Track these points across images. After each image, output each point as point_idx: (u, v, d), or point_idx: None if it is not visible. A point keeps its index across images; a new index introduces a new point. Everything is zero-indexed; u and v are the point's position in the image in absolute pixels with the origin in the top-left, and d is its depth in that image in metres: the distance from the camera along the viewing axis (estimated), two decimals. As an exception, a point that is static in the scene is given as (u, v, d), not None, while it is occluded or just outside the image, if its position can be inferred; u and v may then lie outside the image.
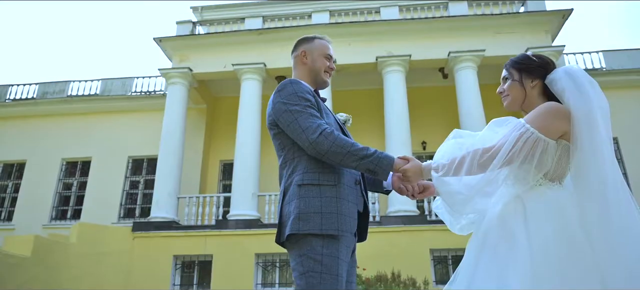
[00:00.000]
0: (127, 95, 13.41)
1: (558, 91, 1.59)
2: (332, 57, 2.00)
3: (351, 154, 1.66)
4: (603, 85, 9.10)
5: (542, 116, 1.53)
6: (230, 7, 13.79)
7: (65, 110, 13.43)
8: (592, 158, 1.44)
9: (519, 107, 1.74)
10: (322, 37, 2.01)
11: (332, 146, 1.65)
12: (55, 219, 12.57)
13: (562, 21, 10.98)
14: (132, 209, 12.50)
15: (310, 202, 1.67)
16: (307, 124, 1.69)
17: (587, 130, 1.46)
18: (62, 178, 13.04)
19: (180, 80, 11.40)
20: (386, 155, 1.68)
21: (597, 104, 1.51)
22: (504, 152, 1.49)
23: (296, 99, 1.74)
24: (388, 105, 10.61)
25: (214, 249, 9.66)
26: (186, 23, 12.05)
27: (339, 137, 1.66)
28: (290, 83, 1.79)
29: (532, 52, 1.76)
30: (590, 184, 1.44)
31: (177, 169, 10.68)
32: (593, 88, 1.55)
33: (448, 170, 1.59)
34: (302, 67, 1.97)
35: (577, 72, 1.59)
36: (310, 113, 1.72)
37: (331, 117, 1.85)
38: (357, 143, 1.69)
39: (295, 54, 2.01)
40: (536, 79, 1.68)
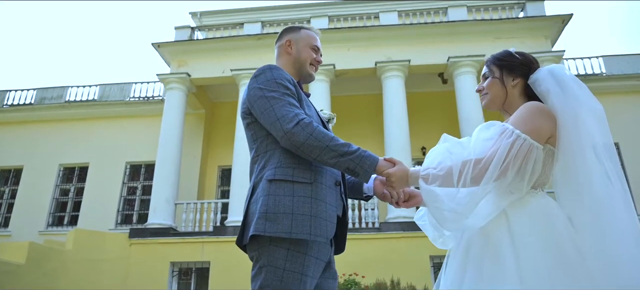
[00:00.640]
0: (125, 100, 13.36)
1: (542, 92, 1.49)
2: (319, 49, 1.84)
3: (330, 148, 1.47)
4: (603, 90, 9.05)
5: (531, 118, 1.41)
6: (229, 12, 13.77)
7: (62, 115, 13.37)
8: (581, 164, 1.34)
9: (498, 106, 1.63)
10: (309, 28, 1.85)
11: (309, 138, 1.47)
12: (52, 225, 12.46)
13: (561, 26, 10.96)
14: (130, 215, 12.40)
15: (280, 200, 1.46)
16: (283, 112, 1.51)
17: (575, 135, 1.36)
18: (60, 184, 12.94)
19: (179, 86, 11.35)
20: (370, 155, 1.51)
21: (588, 107, 1.40)
22: (497, 163, 1.35)
23: (274, 85, 1.56)
24: (387, 110, 10.56)
25: (211, 256, 9.55)
26: (185, 28, 12.02)
27: (318, 129, 1.48)
28: (270, 68, 1.61)
29: (515, 50, 1.64)
30: (578, 191, 1.34)
31: (174, 175, 10.60)
32: (581, 90, 1.43)
33: (437, 181, 1.42)
34: (286, 58, 1.81)
35: (561, 72, 1.48)
36: (289, 101, 1.54)
37: (313, 111, 1.68)
38: (339, 138, 1.51)
39: (279, 43, 1.85)
40: (518, 77, 1.58)
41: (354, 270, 8.16)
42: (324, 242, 1.50)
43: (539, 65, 1.59)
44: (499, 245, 1.34)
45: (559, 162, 1.40)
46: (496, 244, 1.34)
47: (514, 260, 1.28)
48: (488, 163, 1.35)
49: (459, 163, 1.39)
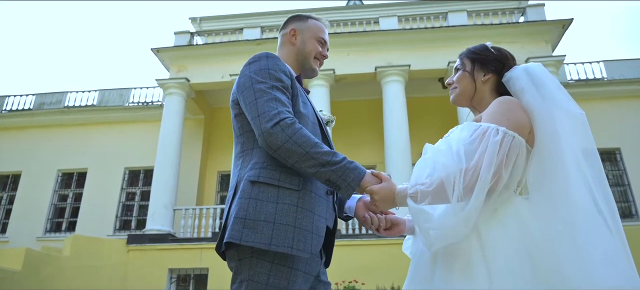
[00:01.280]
0: (125, 106, 13.31)
1: (516, 91, 1.37)
2: (326, 42, 1.67)
3: (310, 156, 1.28)
4: (604, 95, 8.96)
5: (510, 112, 1.28)
6: (229, 17, 13.76)
7: (61, 121, 13.32)
8: (558, 170, 1.23)
9: (467, 102, 1.51)
10: (317, 18, 1.68)
11: (288, 141, 1.28)
12: (50, 231, 12.38)
13: (562, 31, 10.92)
14: (128, 221, 12.31)
15: (261, 206, 1.29)
16: (265, 108, 1.32)
17: (550, 138, 1.25)
18: (58, 189, 12.87)
19: (178, 91, 11.31)
20: (356, 167, 1.31)
21: (566, 110, 1.28)
22: (488, 166, 1.19)
23: (266, 75, 1.39)
24: (387, 115, 10.50)
25: (210, 262, 9.46)
26: (184, 33, 12.00)
27: (300, 132, 1.29)
28: (266, 56, 1.45)
29: (492, 44, 1.53)
30: (552, 198, 1.23)
31: (173, 181, 10.52)
32: (559, 91, 1.32)
33: (427, 198, 1.23)
34: (288, 48, 1.63)
35: (538, 71, 1.37)
36: (275, 96, 1.35)
37: (309, 110, 1.49)
38: (323, 145, 1.32)
39: (283, 31, 1.67)
40: (490, 73, 1.46)
41: (354, 277, 8.07)
42: (306, 256, 1.31)
43: (516, 63, 1.48)
44: (468, 255, 1.22)
45: (532, 164, 1.30)
46: (466, 254, 1.22)
47: (486, 273, 1.17)
48: (478, 168, 1.20)
49: (449, 175, 1.22)
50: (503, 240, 1.21)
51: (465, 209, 1.19)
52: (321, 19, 1.69)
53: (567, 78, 12.22)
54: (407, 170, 9.63)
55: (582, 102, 11.49)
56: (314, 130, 1.46)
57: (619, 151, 11.59)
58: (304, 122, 1.41)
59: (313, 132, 1.44)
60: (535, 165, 1.29)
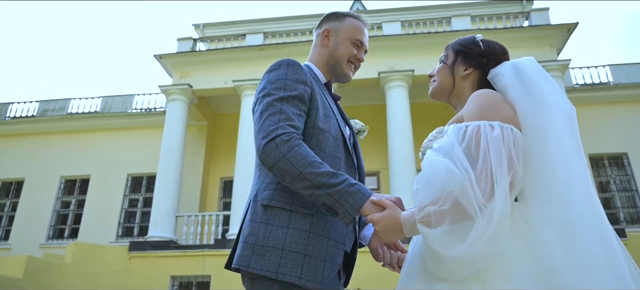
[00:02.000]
0: (127, 112, 13.32)
1: (500, 89, 1.25)
2: (363, 44, 1.52)
3: (303, 176, 1.17)
4: (610, 100, 8.80)
5: (497, 105, 1.15)
6: (231, 24, 13.78)
7: (64, 127, 13.34)
8: (548, 168, 1.08)
9: (445, 97, 1.39)
10: (356, 16, 1.53)
11: (280, 160, 1.18)
12: (53, 238, 12.35)
13: (567, 35, 10.83)
14: (131, 228, 12.27)
15: (272, 231, 1.22)
16: (265, 123, 1.24)
17: (536, 136, 1.11)
18: (61, 196, 12.86)
19: (180, 97, 11.30)
20: (357, 191, 1.17)
21: (555, 106, 1.14)
22: (499, 166, 1.03)
23: (280, 86, 1.30)
24: (391, 120, 10.43)
25: (212, 270, 9.38)
26: (187, 40, 12.01)
27: (295, 150, 1.18)
28: (287, 64, 1.36)
29: (481, 38, 1.38)
30: (543, 198, 1.09)
31: (175, 187, 10.48)
32: (548, 86, 1.18)
33: (445, 219, 1.03)
34: (320, 50, 1.52)
35: (526, 65, 1.23)
36: (280, 110, 1.25)
37: (332, 123, 1.37)
38: (324, 164, 1.19)
39: (317, 31, 1.56)
40: (470, 67, 1.33)
41: (358, 285, 7.96)
42: (316, 287, 1.22)
43: (508, 58, 1.34)
44: None
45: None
46: None
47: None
48: (490, 169, 1.03)
49: (461, 184, 1.02)
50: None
51: (493, 219, 1.00)
52: (360, 17, 1.54)
53: (573, 82, 12.10)
54: (411, 177, 9.54)
55: (588, 107, 11.49)
56: (335, 146, 1.34)
57: (626, 156, 11.44)
58: (322, 138, 1.31)
59: (334, 148, 1.33)
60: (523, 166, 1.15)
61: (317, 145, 1.30)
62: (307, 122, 1.32)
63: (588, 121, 11.23)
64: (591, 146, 11.10)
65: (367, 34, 1.54)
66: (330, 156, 1.31)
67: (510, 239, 1.04)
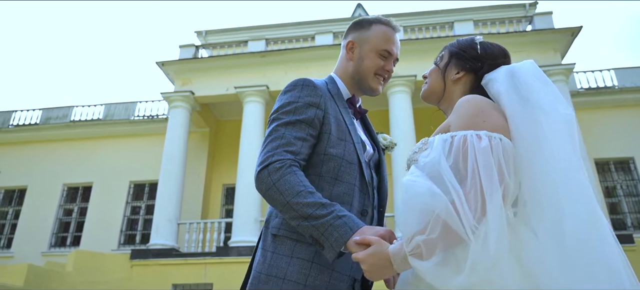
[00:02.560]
0: (130, 119, 13.31)
1: (493, 95, 1.16)
2: (391, 54, 1.40)
3: (290, 206, 1.12)
4: (616, 104, 8.62)
5: (484, 113, 1.07)
6: (234, 30, 13.79)
7: (67, 135, 13.35)
8: (546, 180, 1.00)
9: (435, 100, 1.31)
10: (385, 22, 1.41)
11: (271, 188, 1.15)
12: (55, 246, 12.32)
13: (571, 39, 10.75)
14: (133, 235, 12.22)
15: (276, 260, 1.19)
16: (265, 149, 1.21)
17: (529, 148, 1.02)
18: (63, 204, 12.84)
19: (182, 104, 11.28)
20: (343, 224, 1.09)
21: (552, 111, 1.05)
22: (489, 180, 0.95)
23: (289, 110, 1.25)
24: (394, 126, 10.36)
25: (214, 278, 9.30)
26: (189, 47, 12.02)
27: (286, 178, 1.14)
28: (302, 85, 1.30)
29: (481, 39, 1.29)
30: (537, 211, 1.01)
31: (177, 194, 10.43)
32: (545, 91, 1.09)
33: (436, 248, 0.94)
34: (345, 64, 1.43)
35: (523, 69, 1.14)
36: (282, 134, 1.22)
37: (348, 147, 1.28)
38: (314, 194, 1.13)
39: (343, 42, 1.46)
40: (463, 71, 1.25)
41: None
42: None
43: (508, 62, 1.25)
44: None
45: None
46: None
47: None
48: (479, 185, 0.95)
49: (448, 207, 0.94)
50: None
51: (489, 239, 0.92)
52: (389, 23, 1.42)
53: (578, 87, 12.00)
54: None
55: (593, 111, 11.37)
56: (349, 171, 1.26)
57: (632, 161, 11.30)
58: (333, 165, 1.25)
59: (347, 174, 1.26)
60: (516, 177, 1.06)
61: (328, 172, 1.25)
62: (318, 147, 1.26)
63: (593, 126, 11.11)
64: (597, 151, 10.97)
65: (397, 41, 1.42)
66: (343, 183, 1.25)
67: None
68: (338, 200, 1.22)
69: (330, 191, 1.23)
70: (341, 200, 1.22)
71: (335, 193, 1.23)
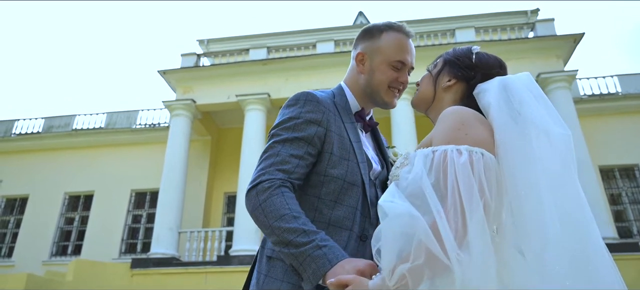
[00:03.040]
0: (132, 128, 13.32)
1: (483, 107, 1.11)
2: (404, 64, 1.28)
3: (272, 231, 1.05)
4: (619, 110, 8.49)
5: (466, 126, 1.01)
6: (235, 39, 13.83)
7: (69, 144, 13.37)
8: (532, 200, 0.95)
9: (425, 107, 1.26)
10: (398, 28, 1.31)
11: (256, 209, 1.09)
12: (56, 255, 12.28)
13: (573, 45, 10.69)
14: (134, 244, 12.17)
15: (269, 283, 1.14)
16: (259, 167, 1.15)
17: (518, 165, 0.97)
18: (64, 212, 12.82)
19: (184, 112, 11.28)
20: (323, 255, 0.99)
21: (544, 130, 0.99)
22: (469, 197, 0.90)
23: (289, 126, 1.18)
24: (395, 133, 10.31)
25: (214, 287, 9.21)
26: (191, 55, 12.04)
27: (272, 199, 1.07)
28: (304, 100, 1.21)
29: (477, 49, 1.24)
30: (521, 231, 0.97)
31: (178, 203, 10.38)
32: (539, 106, 1.03)
33: (423, 276, 0.87)
34: (356, 76, 1.33)
35: (516, 82, 1.08)
36: (277, 152, 1.15)
37: (351, 166, 1.19)
38: (299, 218, 1.05)
39: (353, 52, 1.36)
40: (454, 79, 1.20)
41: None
42: None
43: (505, 73, 1.19)
44: None
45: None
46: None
47: None
48: (459, 202, 0.90)
49: (426, 230, 0.87)
50: None
51: (473, 261, 0.86)
52: (402, 29, 1.31)
53: (581, 93, 11.92)
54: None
55: (597, 118, 11.28)
56: (351, 193, 1.18)
57: (637, 167, 11.19)
58: (334, 187, 1.17)
59: (348, 197, 1.17)
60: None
61: (327, 194, 1.17)
62: (318, 167, 1.19)
63: (597, 133, 11.02)
64: (601, 158, 10.86)
65: (411, 48, 1.31)
66: (343, 206, 1.17)
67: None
68: (337, 224, 1.14)
69: (329, 215, 1.15)
70: (340, 225, 1.15)
71: (334, 217, 1.15)
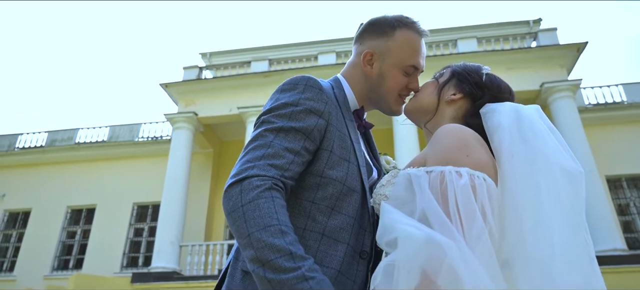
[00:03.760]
0: (134, 141, 13.32)
1: (490, 127, 1.01)
2: (417, 68, 1.14)
3: (250, 242, 0.83)
4: (625, 120, 8.33)
5: (467, 147, 0.92)
6: (237, 52, 13.88)
7: (71, 157, 13.38)
8: (534, 240, 0.87)
9: (422, 117, 1.14)
10: (412, 24, 1.14)
11: (237, 210, 0.87)
12: (57, 269, 12.20)
13: (576, 55, 10.61)
14: (136, 258, 12.08)
15: None
16: (245, 158, 0.95)
17: (524, 197, 0.89)
18: (66, 226, 12.78)
19: (186, 125, 11.27)
20: (307, 288, 0.80)
21: (560, 167, 0.91)
22: (470, 221, 0.82)
23: (285, 113, 0.99)
24: (398, 145, 10.22)
25: (216, 302, 9.09)
26: (193, 68, 12.08)
27: (258, 202, 0.87)
28: (305, 85, 1.03)
29: (488, 70, 1.15)
30: (529, 267, 0.87)
31: (179, 216, 10.31)
32: (554, 139, 0.95)
33: None
34: (360, 76, 1.16)
35: (529, 112, 0.99)
36: (270, 142, 0.95)
37: (352, 168, 1.03)
38: (287, 235, 0.84)
39: (357, 47, 1.18)
40: (460, 93, 1.10)
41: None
42: None
43: (511, 99, 1.10)
44: None
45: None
46: None
47: None
48: (460, 228, 0.82)
49: (424, 258, 0.76)
50: None
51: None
52: (416, 26, 1.14)
53: (586, 103, 11.80)
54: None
55: (603, 127, 11.13)
56: (350, 200, 1.01)
57: (644, 178, 11.00)
58: (331, 191, 1.00)
59: (346, 204, 1.01)
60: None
61: (324, 199, 0.99)
62: (314, 167, 1.01)
63: (603, 142, 10.87)
64: (608, 168, 10.70)
65: (424, 50, 1.15)
66: (340, 215, 1.00)
67: None
68: (332, 236, 0.98)
69: (324, 223, 0.98)
70: (336, 237, 0.98)
71: (330, 227, 0.98)
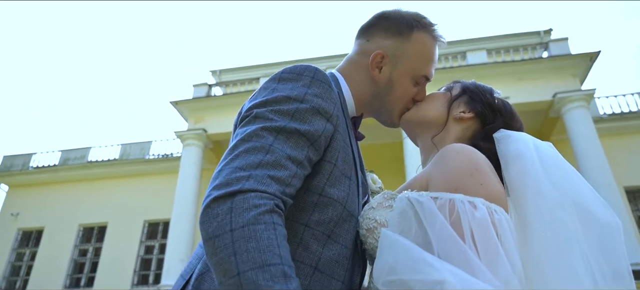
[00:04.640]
0: (145, 158, 13.41)
1: (507, 154, 0.88)
2: (428, 78, 1.00)
3: (240, 283, 0.62)
4: (639, 129, 7.92)
5: (480, 173, 0.79)
6: (247, 69, 13.98)
7: (84, 176, 13.51)
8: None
9: (426, 131, 1.01)
10: (429, 27, 0.98)
11: (222, 236, 0.65)
12: (69, 287, 12.24)
13: (589, 64, 10.42)
14: (147, 275, 12.05)
15: None
16: (235, 163, 0.72)
17: (541, 249, 0.76)
18: (78, 244, 12.84)
19: (195, 142, 11.32)
20: None
21: (595, 215, 0.79)
22: (493, 258, 0.70)
23: (289, 108, 0.78)
24: (408, 158, 10.10)
25: (226, 320, 8.97)
26: (202, 86, 12.17)
27: (257, 229, 0.65)
28: (312, 77, 0.83)
29: (500, 94, 1.06)
30: None
31: (189, 233, 10.28)
32: (580, 180, 0.83)
33: None
34: (363, 78, 0.97)
35: (549, 147, 0.88)
36: (269, 146, 0.73)
37: (352, 188, 0.87)
38: (292, 280, 0.64)
39: (365, 43, 0.99)
40: (472, 112, 0.99)
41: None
42: None
43: (519, 128, 0.99)
44: None
45: None
46: None
47: None
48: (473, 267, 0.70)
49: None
50: None
51: None
52: (434, 30, 0.99)
53: (601, 113, 11.55)
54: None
55: (619, 137, 10.84)
56: (348, 227, 0.84)
57: (663, 189, 10.66)
58: (331, 214, 0.81)
59: (344, 231, 0.83)
60: None
61: (320, 223, 0.80)
62: (312, 182, 0.80)
63: (620, 153, 10.59)
64: (626, 179, 10.40)
65: (436, 58, 1.02)
66: (337, 244, 0.81)
67: None
68: (327, 270, 0.79)
69: (318, 254, 0.79)
70: (331, 272, 0.80)
71: (324, 259, 0.79)
